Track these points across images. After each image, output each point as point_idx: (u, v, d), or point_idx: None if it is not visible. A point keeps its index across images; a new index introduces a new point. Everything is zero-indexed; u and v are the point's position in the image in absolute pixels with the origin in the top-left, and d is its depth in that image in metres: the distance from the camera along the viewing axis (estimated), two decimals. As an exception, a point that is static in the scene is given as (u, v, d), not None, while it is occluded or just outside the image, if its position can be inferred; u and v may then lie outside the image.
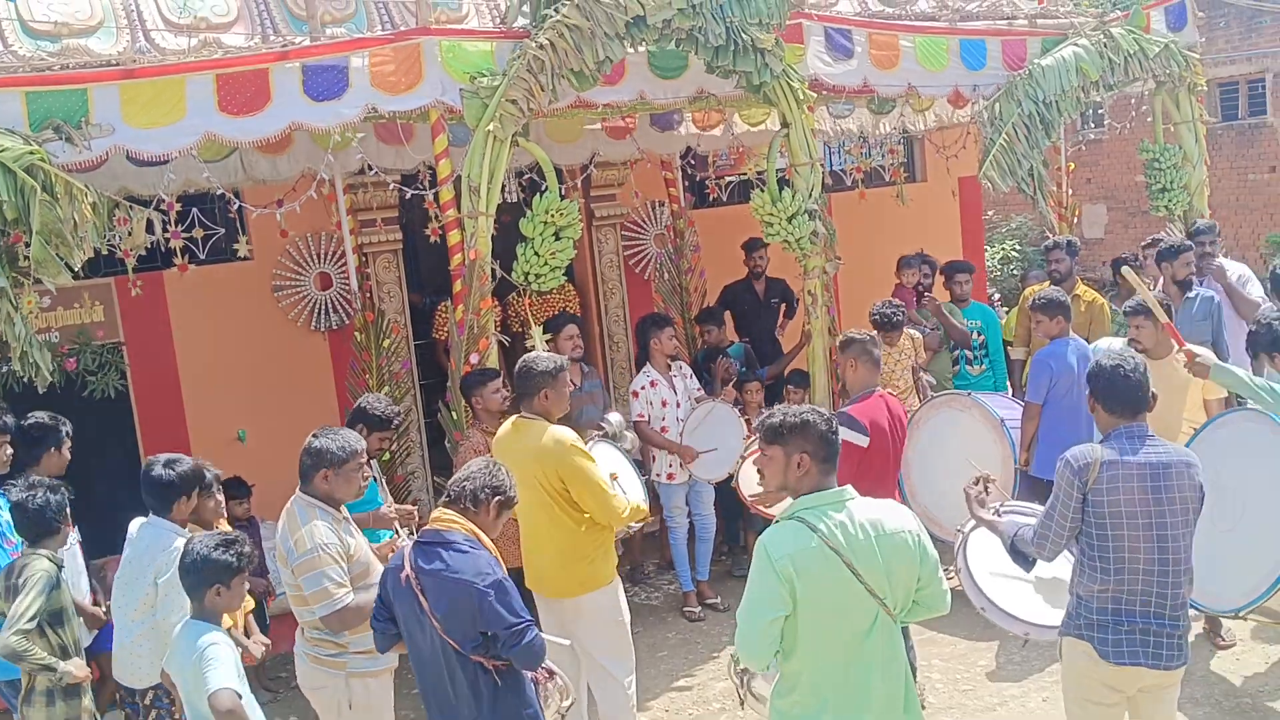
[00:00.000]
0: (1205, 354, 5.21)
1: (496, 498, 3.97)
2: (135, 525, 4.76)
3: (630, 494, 5.43)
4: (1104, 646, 3.94)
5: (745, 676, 3.93)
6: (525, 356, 5.30)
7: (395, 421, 5.63)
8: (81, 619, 4.98)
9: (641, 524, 5.41)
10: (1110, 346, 6.04)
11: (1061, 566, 4.37)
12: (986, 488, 4.43)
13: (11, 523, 4.85)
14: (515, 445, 5.08)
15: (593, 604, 5.13)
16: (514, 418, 5.21)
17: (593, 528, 5.06)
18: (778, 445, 3.51)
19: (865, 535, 3.38)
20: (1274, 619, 5.85)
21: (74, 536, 5.15)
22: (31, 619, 4.41)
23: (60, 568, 4.66)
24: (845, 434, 5.31)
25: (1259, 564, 5.19)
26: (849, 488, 3.51)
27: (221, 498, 5.39)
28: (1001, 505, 4.54)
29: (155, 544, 4.57)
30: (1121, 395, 4.02)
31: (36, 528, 4.66)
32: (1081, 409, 6.21)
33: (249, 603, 5.26)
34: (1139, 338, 5.87)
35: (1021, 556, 4.20)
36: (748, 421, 7.25)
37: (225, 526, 5.31)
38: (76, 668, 4.54)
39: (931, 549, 3.52)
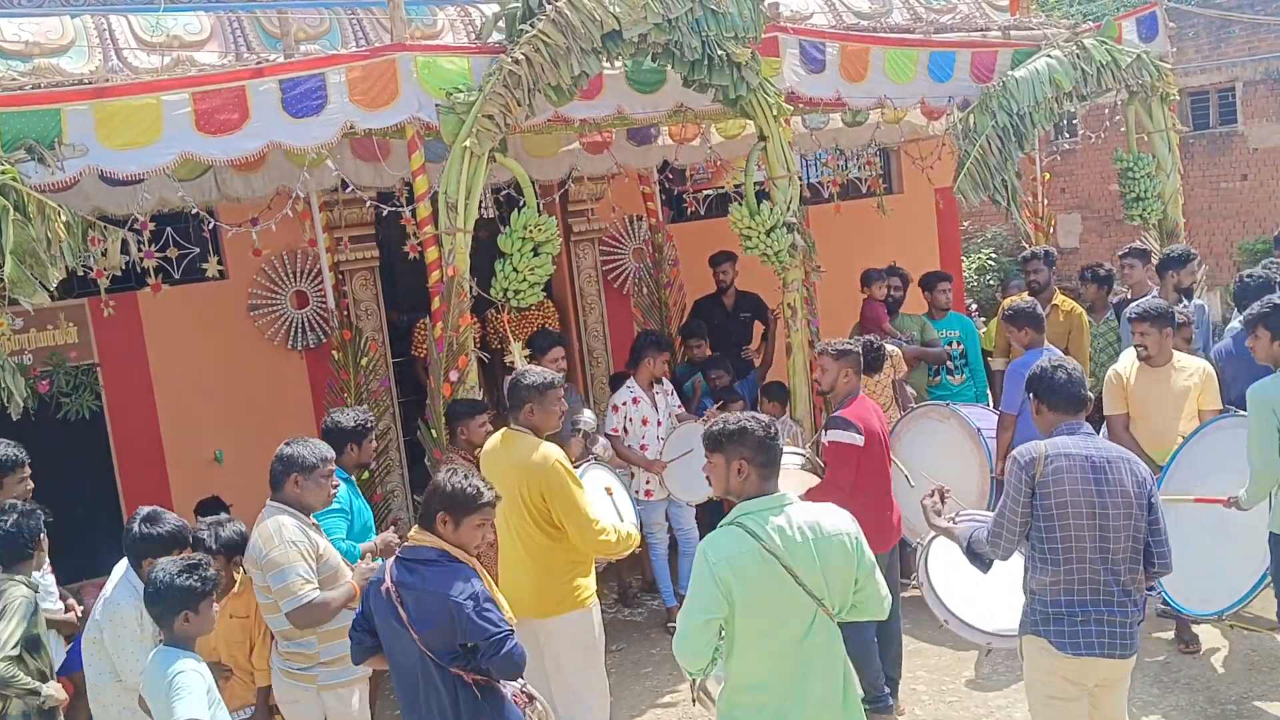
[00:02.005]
0: (1235, 497, 5.18)
1: (468, 514, 3.93)
2: (122, 568, 4.65)
3: (624, 514, 5.41)
4: (1060, 639, 4.06)
5: (700, 680, 3.93)
6: (518, 369, 5.25)
7: (371, 424, 5.57)
8: (54, 631, 4.92)
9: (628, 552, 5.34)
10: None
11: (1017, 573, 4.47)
12: (943, 498, 4.61)
13: None
14: (502, 458, 5.03)
15: (567, 626, 5.05)
16: (504, 429, 5.15)
17: (570, 548, 5.00)
18: (719, 453, 3.67)
19: (803, 538, 3.51)
20: (1255, 625, 5.87)
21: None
22: (15, 645, 4.34)
23: (36, 592, 4.58)
24: (841, 435, 5.51)
25: (1242, 567, 5.28)
26: (788, 493, 3.62)
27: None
28: (957, 514, 4.74)
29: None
30: (1062, 394, 4.22)
31: (8, 553, 4.56)
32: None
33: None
34: (1145, 344, 5.89)
35: (978, 558, 4.35)
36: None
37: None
38: (57, 691, 4.49)
39: (869, 552, 3.63)
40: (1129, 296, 6.95)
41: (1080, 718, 4.19)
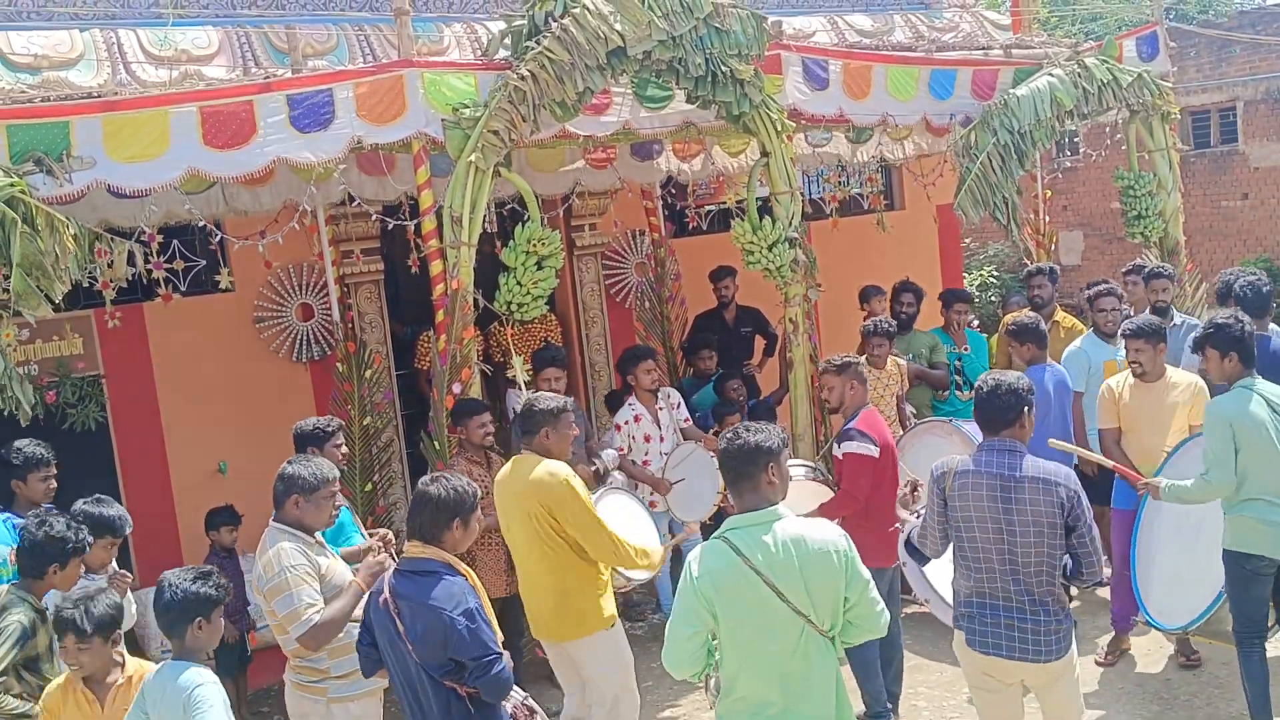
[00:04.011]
0: (1154, 481, 5.37)
1: (474, 509, 3.96)
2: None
3: (646, 543, 5.38)
4: (971, 636, 4.34)
5: (712, 679, 3.95)
6: (529, 397, 5.27)
7: (330, 428, 5.58)
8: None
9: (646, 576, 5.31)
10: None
11: None
12: (915, 492, 4.84)
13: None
14: (511, 481, 5.04)
15: (588, 648, 5.05)
16: (515, 457, 5.16)
17: (584, 567, 4.99)
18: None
19: (786, 554, 3.50)
20: (1218, 639, 5.91)
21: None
22: (2, 672, 4.27)
23: (39, 613, 4.44)
24: (857, 447, 5.54)
25: (1204, 585, 5.40)
26: (779, 507, 3.61)
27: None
28: (924, 508, 4.85)
29: None
30: (983, 412, 4.39)
31: (25, 565, 4.50)
32: (1055, 435, 6.31)
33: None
34: (1139, 360, 5.93)
35: (916, 552, 4.64)
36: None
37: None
38: None
39: (861, 569, 3.60)
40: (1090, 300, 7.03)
41: (1009, 709, 4.42)
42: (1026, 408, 4.32)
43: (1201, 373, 5.52)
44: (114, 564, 5.01)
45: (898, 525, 5.04)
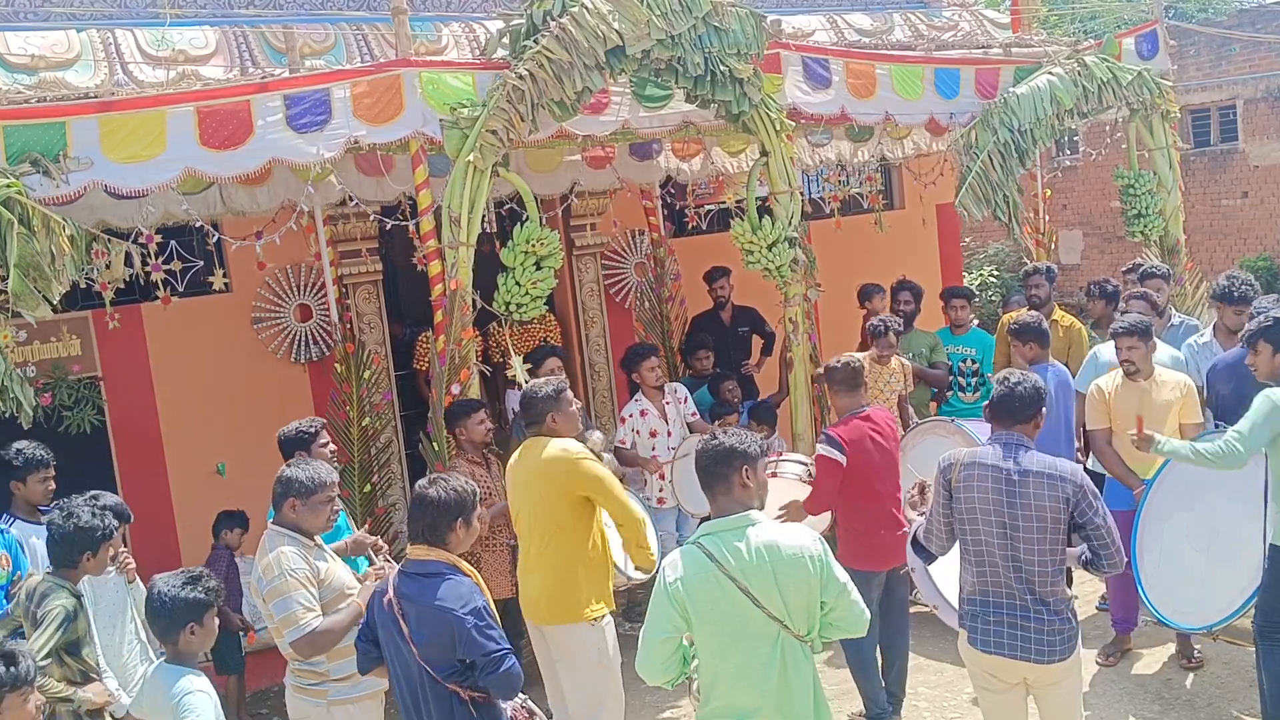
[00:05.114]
0: (1154, 435, 5.36)
1: (456, 518, 3.93)
2: None
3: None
4: (974, 634, 4.31)
5: (694, 681, 3.95)
6: (525, 387, 5.28)
7: (313, 430, 5.55)
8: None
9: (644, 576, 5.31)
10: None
11: None
12: (924, 493, 4.75)
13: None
14: (522, 465, 5.07)
15: (575, 637, 5.04)
16: (525, 442, 5.18)
17: (586, 560, 5.00)
18: None
19: (760, 559, 3.48)
20: (1242, 638, 5.89)
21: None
22: (45, 656, 4.36)
23: (79, 598, 4.57)
24: (824, 450, 5.53)
25: (1229, 585, 5.34)
26: (752, 513, 3.59)
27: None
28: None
29: None
30: (1001, 405, 4.35)
31: (56, 554, 4.58)
32: (1059, 434, 6.30)
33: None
34: (1131, 358, 5.91)
35: (923, 550, 4.57)
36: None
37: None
38: (95, 694, 4.49)
39: (838, 573, 3.59)
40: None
41: (1013, 709, 4.39)
42: (1043, 407, 4.35)
43: (1251, 367, 5.38)
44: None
45: (906, 530, 5.00)
